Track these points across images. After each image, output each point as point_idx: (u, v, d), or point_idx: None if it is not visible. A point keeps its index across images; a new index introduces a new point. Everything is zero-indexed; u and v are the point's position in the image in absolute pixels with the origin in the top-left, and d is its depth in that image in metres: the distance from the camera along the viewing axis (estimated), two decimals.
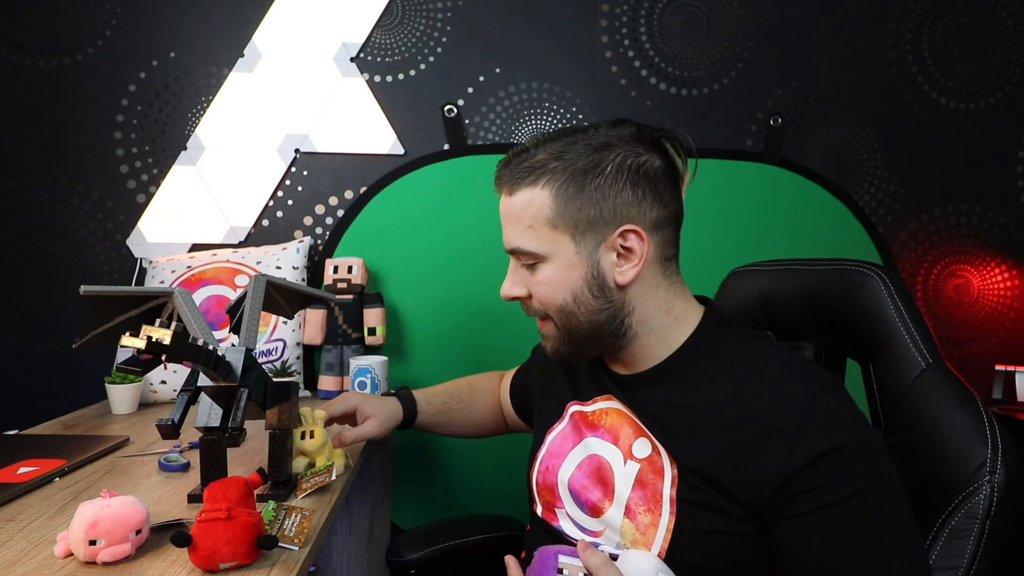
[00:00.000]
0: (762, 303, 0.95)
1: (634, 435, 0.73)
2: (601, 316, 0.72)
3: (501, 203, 0.75)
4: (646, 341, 0.74)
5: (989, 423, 0.69)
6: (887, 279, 0.80)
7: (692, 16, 1.67)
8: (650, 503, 0.68)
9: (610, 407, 0.77)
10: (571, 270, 0.71)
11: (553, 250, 0.71)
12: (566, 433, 0.81)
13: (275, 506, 0.70)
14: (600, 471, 0.74)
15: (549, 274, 0.72)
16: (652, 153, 0.71)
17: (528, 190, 0.71)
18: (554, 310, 0.73)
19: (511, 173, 0.72)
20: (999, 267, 1.76)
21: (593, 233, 0.70)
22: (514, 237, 0.73)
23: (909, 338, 0.77)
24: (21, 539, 0.68)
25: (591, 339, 0.74)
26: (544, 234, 0.70)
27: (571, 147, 0.70)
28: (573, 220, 0.70)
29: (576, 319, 0.72)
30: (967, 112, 1.74)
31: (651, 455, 0.70)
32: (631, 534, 0.68)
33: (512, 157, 0.73)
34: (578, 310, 0.72)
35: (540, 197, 0.70)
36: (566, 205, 0.69)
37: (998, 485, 0.66)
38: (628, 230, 0.69)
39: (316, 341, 1.46)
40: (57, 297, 1.55)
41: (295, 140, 1.59)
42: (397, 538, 1.02)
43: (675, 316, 0.74)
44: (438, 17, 1.61)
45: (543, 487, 0.80)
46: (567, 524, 0.76)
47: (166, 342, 0.62)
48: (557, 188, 0.69)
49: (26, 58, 1.52)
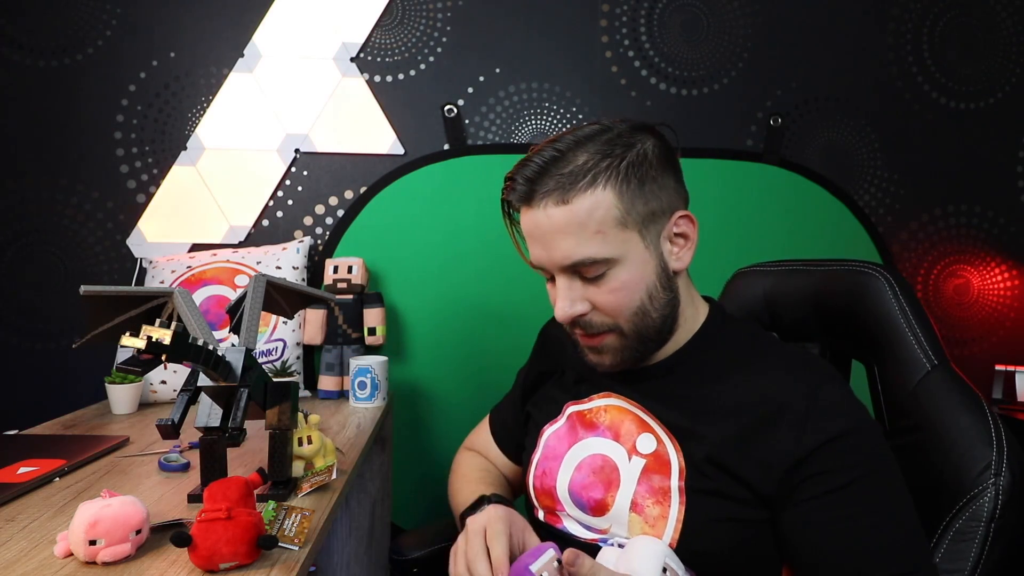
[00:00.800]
0: (767, 304, 0.95)
1: (637, 430, 0.73)
2: (668, 309, 0.72)
3: (537, 217, 0.68)
4: (678, 335, 0.75)
5: (995, 426, 0.68)
6: (892, 280, 0.79)
7: (692, 16, 1.67)
8: (658, 495, 0.68)
9: (608, 404, 0.77)
10: (644, 267, 0.69)
11: (625, 251, 0.68)
12: (561, 433, 0.80)
13: (275, 506, 0.70)
14: (604, 469, 0.73)
15: (624, 277, 0.68)
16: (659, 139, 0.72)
17: (588, 194, 0.66)
18: (628, 315, 0.69)
19: (557, 182, 0.66)
20: (999, 267, 1.76)
21: (655, 224, 0.70)
22: (577, 248, 0.67)
23: (915, 339, 0.76)
24: (21, 539, 0.68)
25: (656, 338, 0.72)
26: (615, 236, 0.67)
27: (610, 144, 0.68)
28: (640, 215, 0.68)
29: (650, 318, 0.70)
30: (967, 112, 1.74)
31: (656, 450, 0.70)
32: (640, 527, 0.68)
33: (544, 165, 0.67)
34: (652, 307, 0.70)
35: (605, 199, 0.66)
36: (633, 202, 0.67)
37: (1003, 488, 0.66)
38: (683, 215, 0.71)
39: (316, 341, 1.46)
40: (57, 297, 1.55)
41: (295, 140, 1.59)
42: (400, 536, 1.02)
43: (696, 307, 0.76)
44: (438, 17, 1.61)
45: (541, 492, 0.79)
46: (572, 525, 0.76)
47: (166, 342, 0.62)
48: (619, 186, 0.67)
49: (26, 58, 1.52)
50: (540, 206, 0.67)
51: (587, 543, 0.73)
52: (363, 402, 1.32)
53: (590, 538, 0.73)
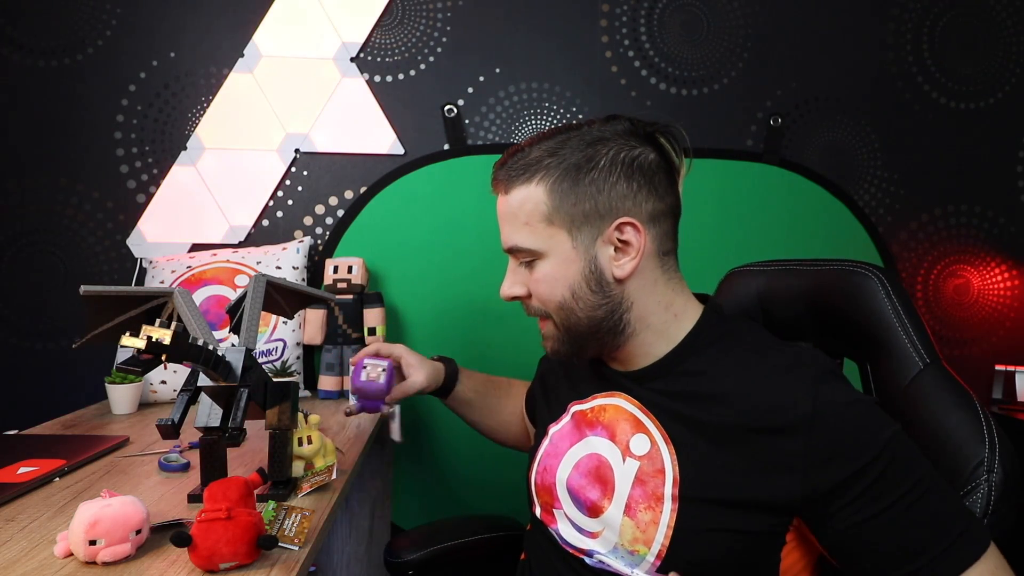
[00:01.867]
0: (760, 303, 0.95)
1: (631, 431, 0.72)
2: (600, 312, 0.72)
3: (498, 203, 0.75)
4: (644, 338, 0.74)
5: (986, 423, 0.69)
6: (885, 280, 0.80)
7: (692, 16, 1.67)
8: (650, 500, 0.68)
9: (608, 403, 0.77)
10: (569, 265, 0.71)
11: (550, 246, 0.71)
12: (564, 432, 0.80)
13: (275, 506, 0.70)
14: (599, 470, 0.73)
15: (547, 271, 0.72)
16: (646, 147, 0.71)
17: (523, 187, 0.72)
18: (553, 307, 0.73)
19: (506, 172, 0.73)
20: (999, 267, 1.76)
21: (589, 227, 0.70)
22: (511, 235, 0.73)
23: (907, 338, 0.77)
24: (21, 539, 0.68)
25: (590, 336, 0.73)
26: (540, 230, 0.71)
27: (565, 144, 0.71)
28: (569, 215, 0.70)
29: (575, 315, 0.72)
30: (967, 112, 1.74)
31: (650, 451, 0.70)
32: (631, 532, 0.68)
33: (507, 157, 0.74)
34: (576, 306, 0.72)
35: (535, 193, 0.71)
36: (561, 200, 0.70)
37: (996, 484, 0.66)
38: (624, 223, 0.70)
39: (316, 341, 1.46)
40: (57, 297, 1.55)
41: (295, 140, 1.59)
42: (395, 539, 1.02)
43: (674, 312, 0.74)
44: (438, 17, 1.61)
45: (541, 487, 0.80)
46: (564, 526, 0.76)
47: (166, 342, 0.62)
48: (552, 184, 0.70)
49: (26, 58, 1.52)
50: (498, 192, 0.75)
51: (574, 555, 0.73)
52: None
53: (579, 548, 0.73)
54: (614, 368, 0.79)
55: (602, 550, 0.71)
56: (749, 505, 0.64)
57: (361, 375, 0.91)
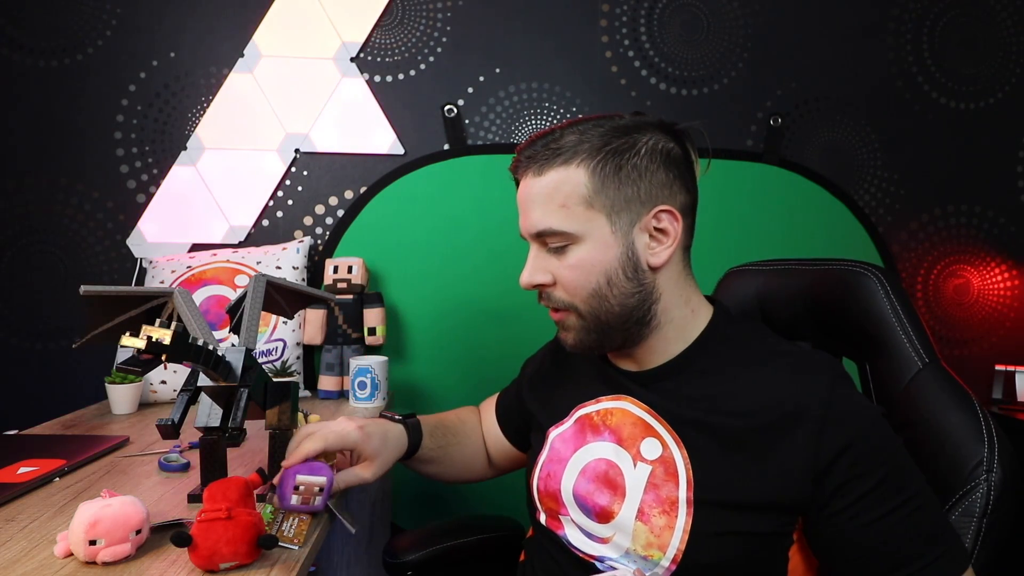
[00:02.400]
0: (759, 303, 0.95)
1: (641, 435, 0.71)
2: (632, 300, 0.71)
3: (523, 187, 0.73)
4: (665, 333, 0.73)
5: (985, 422, 0.69)
6: (884, 279, 0.80)
7: (692, 16, 1.67)
8: (665, 505, 0.67)
9: (616, 407, 0.75)
10: (606, 251, 0.70)
11: (588, 230, 0.69)
12: (567, 436, 0.78)
13: (273, 509, 0.70)
14: (608, 475, 0.72)
15: (582, 255, 0.70)
16: (675, 142, 0.72)
17: (561, 169, 0.70)
18: (584, 295, 0.71)
19: (539, 154, 0.71)
20: (999, 267, 1.76)
21: (629, 213, 0.70)
22: (543, 218, 0.70)
23: (906, 338, 0.77)
24: (21, 539, 0.68)
25: (618, 327, 0.72)
26: (579, 213, 0.69)
27: (599, 129, 0.70)
28: (610, 199, 0.69)
29: (608, 303, 0.71)
30: (967, 112, 1.74)
31: (662, 455, 0.69)
32: (645, 537, 0.67)
33: (534, 140, 0.72)
34: (611, 293, 0.70)
35: (575, 176, 0.69)
36: (603, 184, 0.69)
37: (995, 484, 0.66)
38: (664, 210, 0.70)
39: (316, 341, 1.46)
40: (57, 297, 1.55)
41: (295, 140, 1.59)
42: (393, 539, 1.01)
43: (692, 308, 0.75)
44: (438, 17, 1.61)
45: (545, 494, 0.78)
46: (573, 532, 0.74)
47: (166, 342, 0.62)
48: (594, 166, 0.69)
49: (26, 58, 1.52)
50: (525, 175, 0.72)
51: (584, 559, 0.73)
52: (363, 402, 1.32)
53: (589, 553, 0.72)
54: (623, 368, 0.78)
55: (614, 555, 0.70)
56: (763, 506, 0.64)
57: (292, 498, 0.70)
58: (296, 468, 0.71)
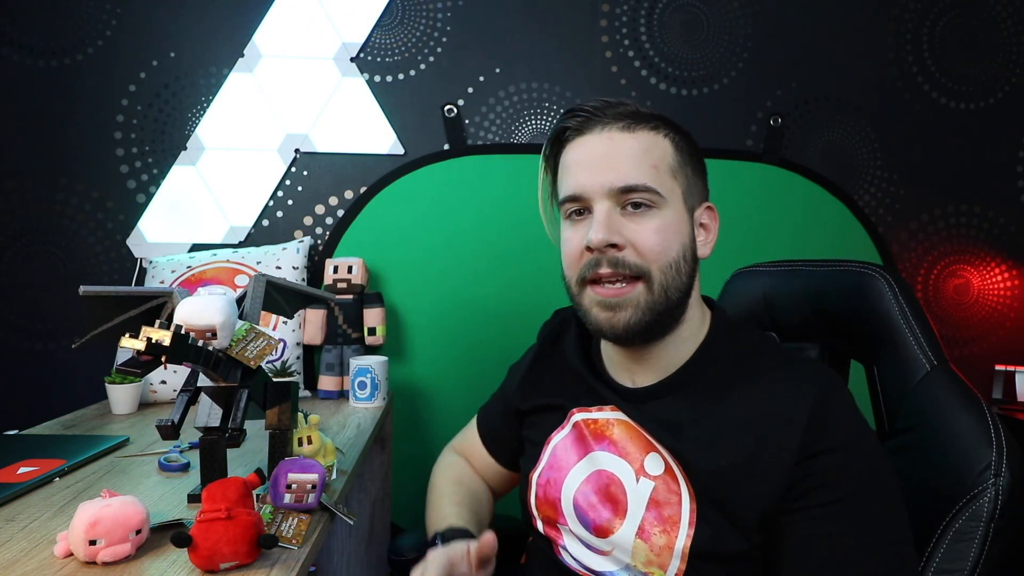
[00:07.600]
0: (766, 304, 0.95)
1: (644, 450, 0.70)
2: (687, 282, 0.70)
3: (600, 141, 0.69)
4: (680, 333, 0.72)
5: (994, 426, 0.68)
6: (892, 280, 0.79)
7: (692, 16, 1.67)
8: (666, 524, 0.66)
9: (616, 418, 0.74)
10: (681, 225, 0.69)
11: (671, 198, 0.69)
12: (568, 443, 0.76)
13: (272, 509, 0.70)
14: (610, 488, 0.70)
15: (667, 220, 0.68)
16: None
17: (651, 133, 0.69)
18: (664, 262, 0.67)
19: (623, 116, 0.69)
20: (999, 267, 1.76)
21: (692, 198, 0.71)
22: (633, 173, 0.67)
23: (914, 340, 0.76)
24: (21, 539, 0.68)
25: (671, 310, 0.69)
26: (666, 179, 0.69)
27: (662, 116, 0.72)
28: (687, 179, 0.71)
29: (679, 278, 0.68)
30: (967, 112, 1.74)
31: (665, 472, 0.68)
32: (644, 555, 0.66)
33: (609, 103, 0.70)
34: (681, 270, 0.68)
35: (664, 144, 0.70)
36: (683, 162, 0.70)
37: (1003, 488, 0.65)
38: (710, 206, 0.73)
39: (316, 341, 1.46)
40: (57, 297, 1.55)
41: (295, 140, 1.59)
42: (399, 536, 1.02)
43: (702, 309, 0.75)
44: (438, 17, 1.61)
45: (544, 501, 0.76)
46: (572, 543, 0.73)
47: (166, 343, 0.62)
48: (676, 143, 0.70)
49: (26, 58, 1.52)
50: (603, 132, 0.69)
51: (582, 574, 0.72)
52: (363, 402, 1.32)
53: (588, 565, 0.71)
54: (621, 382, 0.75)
55: (613, 568, 0.69)
56: (761, 522, 0.63)
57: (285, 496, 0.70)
58: (288, 467, 0.71)
